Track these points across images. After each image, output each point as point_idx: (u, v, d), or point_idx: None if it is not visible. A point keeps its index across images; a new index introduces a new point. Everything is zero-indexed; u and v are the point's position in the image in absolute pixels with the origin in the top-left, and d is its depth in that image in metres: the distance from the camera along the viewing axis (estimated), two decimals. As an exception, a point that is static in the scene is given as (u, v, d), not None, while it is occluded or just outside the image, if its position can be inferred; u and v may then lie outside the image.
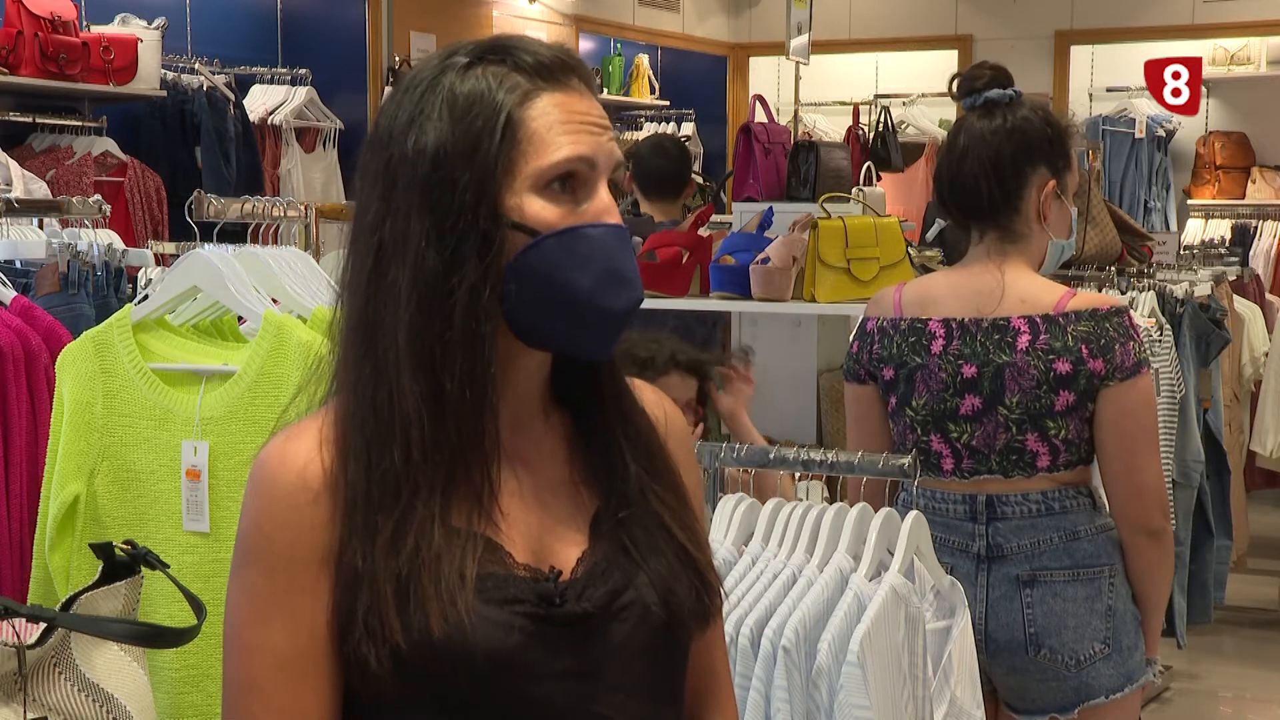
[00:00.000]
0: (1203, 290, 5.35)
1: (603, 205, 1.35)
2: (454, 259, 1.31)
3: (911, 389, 2.71)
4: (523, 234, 1.32)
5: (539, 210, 1.33)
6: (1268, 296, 6.95)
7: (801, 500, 2.30)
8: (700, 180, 5.73)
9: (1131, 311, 2.71)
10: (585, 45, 9.74)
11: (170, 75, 6.49)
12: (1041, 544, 2.64)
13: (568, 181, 1.34)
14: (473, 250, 1.31)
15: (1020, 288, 2.69)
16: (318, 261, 2.80)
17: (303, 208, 3.86)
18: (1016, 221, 2.72)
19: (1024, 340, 2.64)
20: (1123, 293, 4.71)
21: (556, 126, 1.34)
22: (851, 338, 2.86)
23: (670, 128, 9.86)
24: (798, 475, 2.91)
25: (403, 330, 1.32)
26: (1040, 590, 2.62)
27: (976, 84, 2.76)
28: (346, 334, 1.37)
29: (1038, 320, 2.65)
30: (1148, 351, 2.66)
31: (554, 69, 1.36)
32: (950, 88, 2.84)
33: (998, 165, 2.70)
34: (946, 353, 2.68)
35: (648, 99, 10.01)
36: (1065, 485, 2.67)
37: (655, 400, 1.50)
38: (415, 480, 1.31)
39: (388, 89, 7.61)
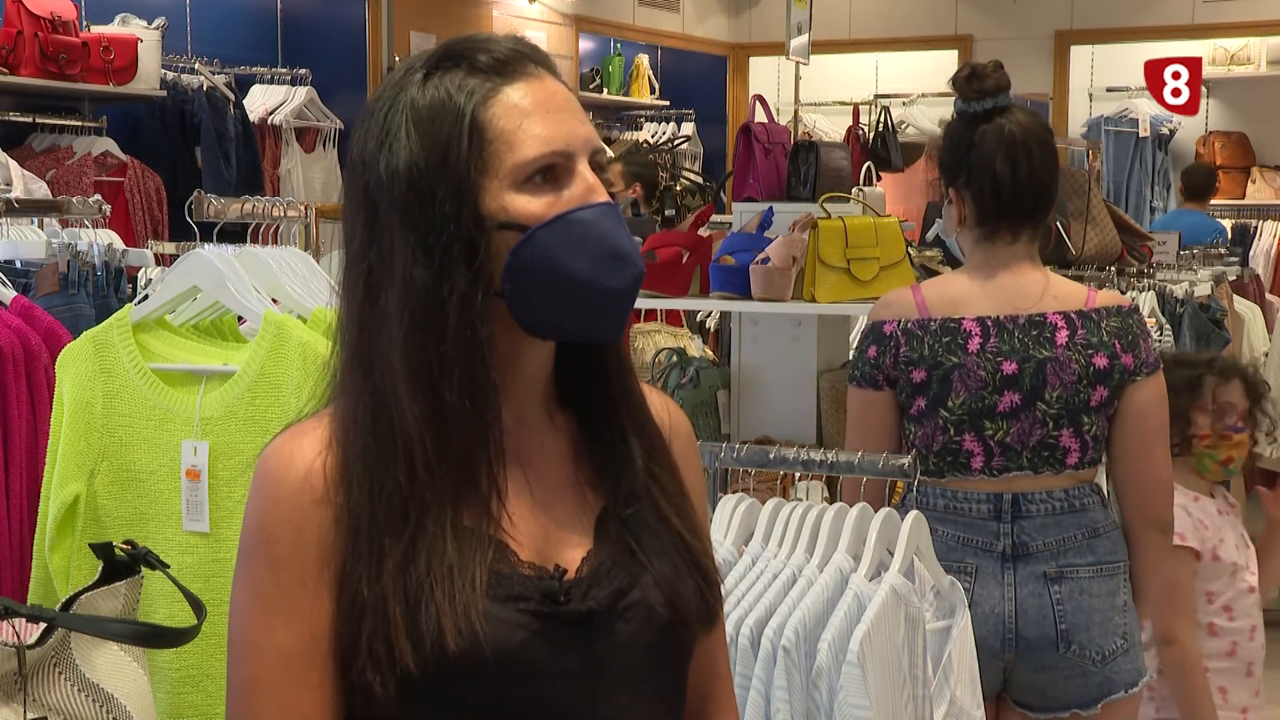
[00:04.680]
0: (1203, 290, 5.35)
1: (586, 186, 1.34)
2: (442, 270, 1.30)
3: (948, 389, 2.68)
4: (512, 231, 1.31)
5: (524, 205, 1.32)
6: (1268, 296, 6.95)
7: (801, 500, 2.30)
8: (700, 180, 5.72)
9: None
10: (585, 45, 9.74)
11: (170, 75, 6.50)
12: (1066, 541, 2.66)
13: (548, 171, 1.33)
14: (460, 258, 1.30)
15: (1053, 284, 2.73)
16: (318, 261, 2.80)
17: (303, 208, 3.85)
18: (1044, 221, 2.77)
19: (1063, 335, 2.67)
20: (1123, 293, 4.71)
21: (524, 119, 1.32)
22: (862, 342, 2.80)
23: (670, 128, 9.86)
24: (798, 475, 2.90)
25: (398, 351, 1.31)
26: (1068, 587, 2.65)
27: (987, 83, 2.74)
28: (344, 364, 1.37)
29: (1073, 316, 2.68)
30: None
31: (510, 62, 1.34)
32: (953, 85, 2.82)
33: (1056, 164, 2.75)
34: (985, 350, 2.68)
35: (648, 99, 10.01)
36: (1083, 483, 2.70)
37: (660, 403, 1.50)
38: (423, 498, 1.31)
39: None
